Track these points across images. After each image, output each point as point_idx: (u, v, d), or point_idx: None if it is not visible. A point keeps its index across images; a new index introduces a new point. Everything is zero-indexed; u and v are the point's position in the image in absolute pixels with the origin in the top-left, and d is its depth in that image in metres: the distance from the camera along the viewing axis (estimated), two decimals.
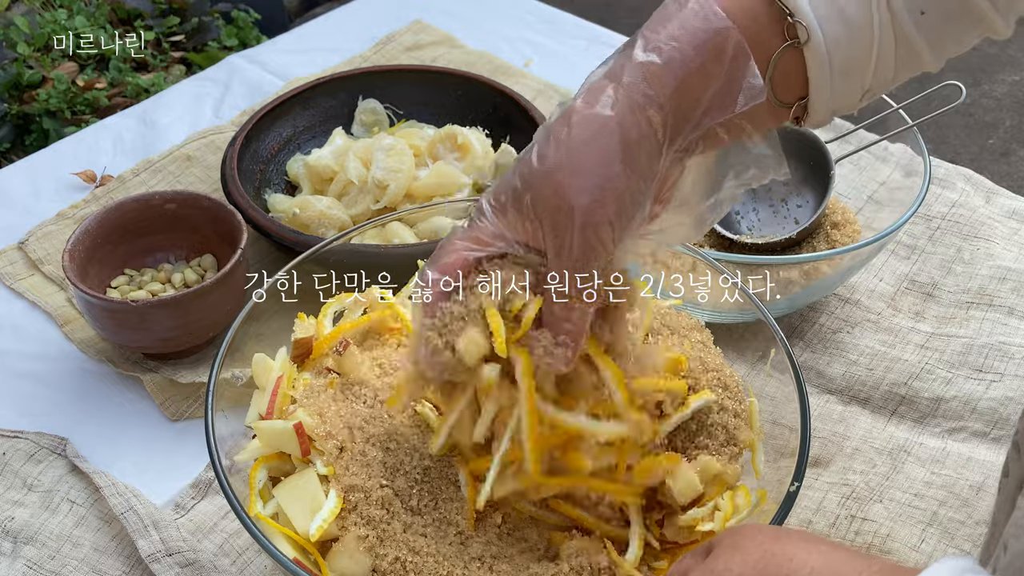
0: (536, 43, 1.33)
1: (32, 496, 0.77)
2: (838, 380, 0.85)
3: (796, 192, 0.95)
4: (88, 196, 1.05)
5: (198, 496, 0.77)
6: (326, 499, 0.57)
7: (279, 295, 0.70)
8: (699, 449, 0.61)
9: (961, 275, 0.94)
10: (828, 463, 0.78)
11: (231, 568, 0.72)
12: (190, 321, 0.82)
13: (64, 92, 2.01)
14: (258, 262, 0.94)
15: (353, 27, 1.36)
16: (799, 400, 0.61)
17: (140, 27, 2.29)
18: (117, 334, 0.83)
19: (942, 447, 0.79)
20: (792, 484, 0.57)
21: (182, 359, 0.87)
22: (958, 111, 1.97)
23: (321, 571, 0.56)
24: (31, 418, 0.83)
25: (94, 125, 1.20)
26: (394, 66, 1.13)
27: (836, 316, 0.90)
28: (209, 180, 1.08)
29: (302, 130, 1.07)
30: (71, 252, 0.83)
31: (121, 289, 0.88)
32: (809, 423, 0.61)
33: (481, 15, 1.38)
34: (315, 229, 0.93)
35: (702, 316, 0.78)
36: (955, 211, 1.01)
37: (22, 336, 0.91)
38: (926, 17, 0.50)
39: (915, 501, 0.74)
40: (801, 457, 0.58)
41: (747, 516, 0.59)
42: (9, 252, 0.99)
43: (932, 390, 0.83)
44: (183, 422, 0.83)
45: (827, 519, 0.73)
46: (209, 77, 1.27)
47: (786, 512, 0.56)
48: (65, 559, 0.72)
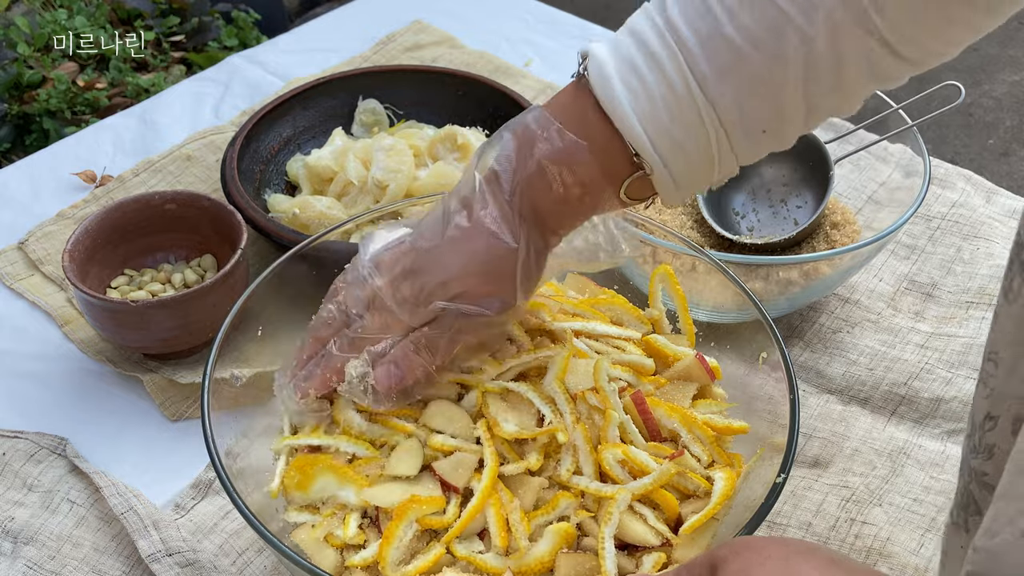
0: (536, 43, 1.33)
1: (32, 496, 0.77)
2: (838, 380, 0.85)
3: (796, 192, 0.95)
4: (88, 196, 1.06)
5: (198, 496, 0.77)
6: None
7: (278, 294, 0.70)
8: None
9: (961, 275, 0.94)
10: (828, 464, 0.78)
11: (231, 568, 0.72)
12: (190, 321, 0.82)
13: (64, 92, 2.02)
14: (258, 262, 0.94)
15: (353, 27, 1.36)
16: (789, 391, 0.62)
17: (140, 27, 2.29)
18: (117, 334, 0.83)
19: (941, 450, 0.78)
20: (779, 476, 0.57)
21: (182, 359, 0.87)
22: (958, 111, 1.97)
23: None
24: (31, 418, 0.83)
25: (94, 125, 1.20)
26: (394, 66, 1.13)
27: (836, 316, 0.90)
28: (209, 180, 1.08)
29: (302, 130, 1.07)
30: (71, 252, 0.83)
31: (121, 289, 0.88)
32: (797, 416, 0.61)
33: (481, 15, 1.38)
34: (315, 229, 0.93)
35: (702, 316, 0.78)
36: (955, 211, 1.01)
37: (22, 336, 0.91)
38: (766, 134, 0.54)
39: (914, 506, 0.74)
40: (788, 450, 0.59)
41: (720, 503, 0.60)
42: (9, 252, 0.99)
43: (932, 390, 0.83)
44: (183, 422, 0.83)
45: (827, 522, 0.73)
46: (209, 77, 1.27)
47: (771, 504, 0.56)
48: (65, 559, 0.72)
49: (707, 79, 0.52)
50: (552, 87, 1.22)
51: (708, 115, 0.53)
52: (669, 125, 0.53)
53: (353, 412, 0.63)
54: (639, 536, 0.58)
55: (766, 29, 0.51)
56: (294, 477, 0.61)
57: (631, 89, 0.54)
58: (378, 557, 0.56)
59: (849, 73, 0.51)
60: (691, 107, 0.53)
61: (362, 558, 0.57)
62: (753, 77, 0.52)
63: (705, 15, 0.52)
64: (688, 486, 0.61)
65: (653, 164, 0.54)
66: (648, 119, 0.53)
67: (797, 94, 0.52)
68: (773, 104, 0.53)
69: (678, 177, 0.55)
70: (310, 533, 0.59)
